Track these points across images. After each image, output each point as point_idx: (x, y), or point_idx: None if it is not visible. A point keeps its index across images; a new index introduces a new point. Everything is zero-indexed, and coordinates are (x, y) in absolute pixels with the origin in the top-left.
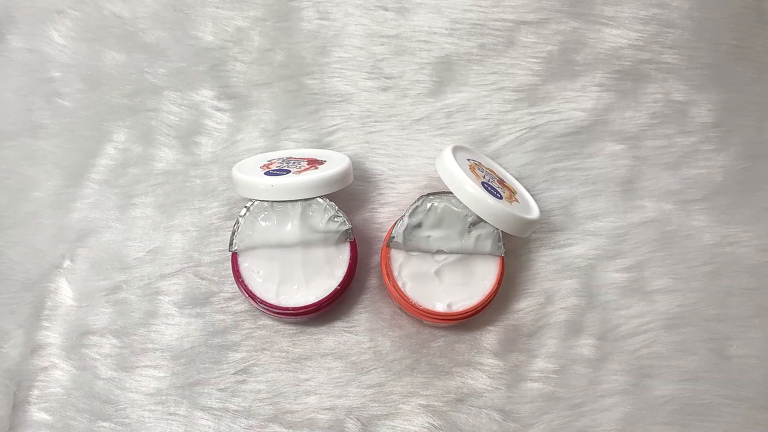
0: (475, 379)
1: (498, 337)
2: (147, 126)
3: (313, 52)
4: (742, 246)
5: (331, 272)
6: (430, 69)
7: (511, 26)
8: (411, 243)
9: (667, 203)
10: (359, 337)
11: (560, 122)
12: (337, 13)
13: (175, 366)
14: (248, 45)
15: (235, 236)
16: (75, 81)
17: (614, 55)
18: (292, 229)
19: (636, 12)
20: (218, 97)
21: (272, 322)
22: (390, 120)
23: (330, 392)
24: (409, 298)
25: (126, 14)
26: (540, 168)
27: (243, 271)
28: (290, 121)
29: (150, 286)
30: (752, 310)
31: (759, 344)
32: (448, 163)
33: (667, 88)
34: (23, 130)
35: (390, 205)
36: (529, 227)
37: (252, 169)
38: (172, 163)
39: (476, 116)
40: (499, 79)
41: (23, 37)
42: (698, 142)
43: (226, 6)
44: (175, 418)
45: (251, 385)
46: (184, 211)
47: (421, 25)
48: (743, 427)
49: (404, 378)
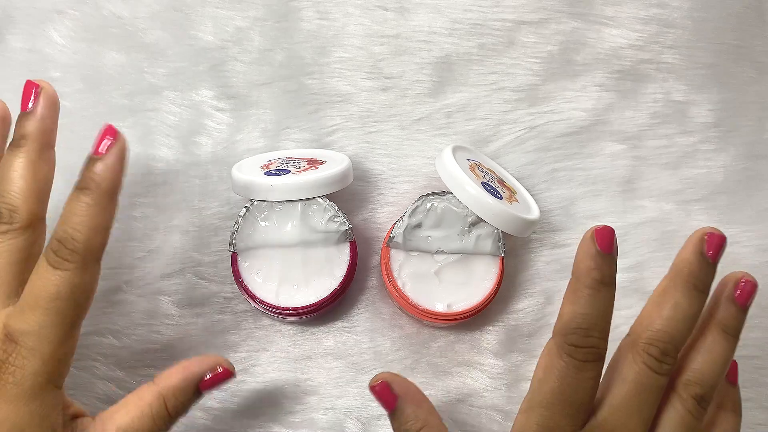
0: (475, 379)
1: (498, 337)
2: (147, 126)
3: (313, 52)
4: (743, 246)
5: (331, 272)
6: (430, 69)
7: (511, 26)
8: (411, 243)
9: (667, 203)
10: (359, 337)
11: (560, 122)
12: (336, 13)
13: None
14: (248, 45)
15: (235, 236)
16: (75, 81)
17: (614, 55)
18: (291, 229)
19: (636, 12)
20: (218, 97)
21: (272, 322)
22: (390, 120)
23: (330, 392)
24: (409, 298)
25: (126, 14)
26: (540, 168)
27: (243, 271)
28: (290, 121)
29: (150, 286)
30: (753, 310)
31: (760, 344)
32: (448, 163)
33: (667, 88)
34: None
35: (390, 205)
36: (529, 227)
37: (252, 169)
38: (171, 163)
39: (476, 116)
40: (499, 79)
41: (23, 37)
42: (698, 142)
43: (225, 6)
44: None
45: (251, 385)
46: (184, 211)
47: (421, 25)
48: (744, 428)
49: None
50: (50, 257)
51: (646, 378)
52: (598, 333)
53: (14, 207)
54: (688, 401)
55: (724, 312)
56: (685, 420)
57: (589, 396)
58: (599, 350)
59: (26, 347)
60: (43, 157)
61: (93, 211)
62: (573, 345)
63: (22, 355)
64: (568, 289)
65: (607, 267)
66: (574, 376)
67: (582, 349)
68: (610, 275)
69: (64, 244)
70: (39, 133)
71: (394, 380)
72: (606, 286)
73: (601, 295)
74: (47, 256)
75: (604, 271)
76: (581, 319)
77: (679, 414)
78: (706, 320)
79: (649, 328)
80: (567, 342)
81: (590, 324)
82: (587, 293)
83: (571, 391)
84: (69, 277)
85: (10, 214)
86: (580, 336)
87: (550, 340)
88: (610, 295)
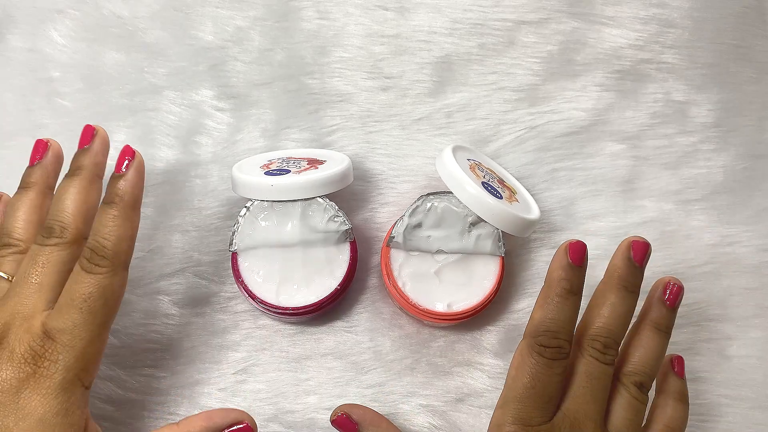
0: (475, 379)
1: (498, 337)
2: (147, 126)
3: (313, 52)
4: (743, 246)
5: (331, 272)
6: (430, 69)
7: (511, 26)
8: (411, 243)
9: (667, 203)
10: (359, 337)
11: (560, 122)
12: (337, 13)
13: (175, 366)
14: (248, 45)
15: (235, 236)
16: (75, 81)
17: (614, 55)
18: (292, 228)
19: (636, 12)
20: (218, 97)
21: (272, 322)
22: (390, 120)
23: (330, 392)
24: (409, 297)
25: (126, 14)
26: (540, 168)
27: (243, 271)
28: (290, 120)
29: (150, 286)
30: (753, 310)
31: (760, 344)
32: (448, 162)
33: (667, 88)
34: (23, 130)
35: (390, 204)
36: (529, 227)
37: (252, 168)
38: (172, 163)
39: (476, 116)
40: (499, 79)
41: (23, 36)
42: (698, 142)
43: (226, 6)
44: (175, 418)
45: (251, 385)
46: (184, 211)
47: (421, 25)
48: (744, 428)
49: (404, 378)
50: (84, 263)
51: (594, 368)
52: (564, 335)
53: (65, 225)
54: (630, 388)
55: (655, 312)
56: (632, 404)
57: (556, 390)
58: (565, 350)
59: (61, 343)
60: (93, 186)
61: (119, 221)
62: (542, 345)
63: (57, 351)
64: (540, 296)
65: (576, 278)
66: (544, 372)
67: (550, 349)
68: (579, 285)
69: (95, 252)
70: (92, 166)
71: (352, 410)
72: (574, 295)
73: (569, 302)
74: (81, 263)
75: (573, 281)
76: (550, 323)
77: (626, 399)
78: (642, 319)
79: (591, 327)
80: (537, 342)
81: (558, 327)
82: (557, 301)
83: (542, 386)
84: (100, 280)
85: (61, 230)
86: (549, 337)
87: (522, 341)
88: (576, 303)
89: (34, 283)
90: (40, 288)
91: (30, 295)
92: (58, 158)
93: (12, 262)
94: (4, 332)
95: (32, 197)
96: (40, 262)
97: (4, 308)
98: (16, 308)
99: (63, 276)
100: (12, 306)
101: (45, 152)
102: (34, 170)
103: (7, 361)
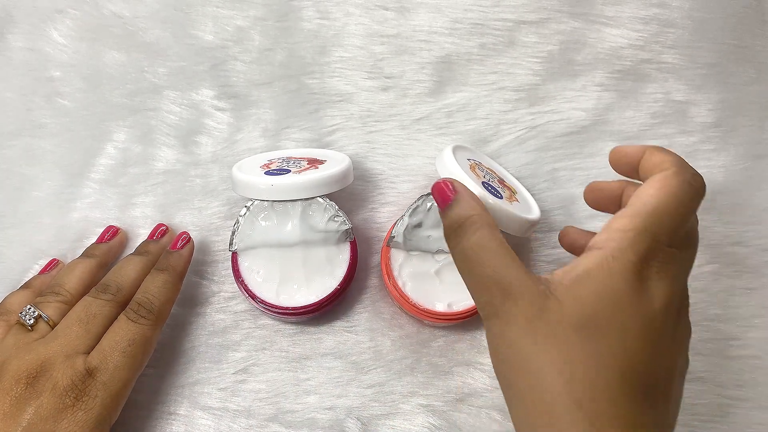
0: (475, 379)
1: None
2: (147, 125)
3: (313, 52)
4: (743, 246)
5: (331, 272)
6: (431, 69)
7: (511, 26)
8: (411, 243)
9: None
10: (359, 337)
11: (560, 122)
12: (337, 13)
13: (175, 366)
14: (248, 44)
15: (235, 236)
16: (75, 80)
17: (614, 55)
18: (292, 228)
19: (636, 12)
20: (218, 97)
21: (272, 321)
22: (390, 120)
23: (330, 392)
24: (409, 297)
25: (126, 14)
26: (540, 168)
27: (243, 271)
28: (290, 120)
29: None
30: (754, 310)
31: (760, 344)
32: (448, 162)
33: (667, 88)
34: (23, 130)
35: (390, 204)
36: (529, 227)
37: (252, 168)
38: (172, 163)
39: (476, 116)
40: (499, 79)
41: (23, 36)
42: (698, 142)
43: (226, 5)
44: (175, 417)
45: (251, 385)
46: (184, 211)
47: (422, 25)
48: (745, 428)
49: (404, 378)
50: (130, 314)
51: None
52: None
53: (122, 286)
54: (129, 313)
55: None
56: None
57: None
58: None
59: (101, 381)
60: (149, 269)
61: (168, 286)
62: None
63: (96, 388)
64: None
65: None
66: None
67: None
68: None
69: (143, 306)
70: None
71: (455, 182)
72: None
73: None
74: (127, 314)
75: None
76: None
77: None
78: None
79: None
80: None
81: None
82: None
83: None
84: (144, 330)
85: (117, 290)
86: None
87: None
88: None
89: (83, 327)
90: (87, 333)
91: (77, 337)
92: (122, 245)
93: (56, 309)
94: (49, 366)
95: (91, 264)
96: (92, 311)
97: (52, 344)
98: (63, 346)
99: (104, 328)
100: (59, 343)
101: (114, 236)
102: (100, 246)
103: (50, 392)
